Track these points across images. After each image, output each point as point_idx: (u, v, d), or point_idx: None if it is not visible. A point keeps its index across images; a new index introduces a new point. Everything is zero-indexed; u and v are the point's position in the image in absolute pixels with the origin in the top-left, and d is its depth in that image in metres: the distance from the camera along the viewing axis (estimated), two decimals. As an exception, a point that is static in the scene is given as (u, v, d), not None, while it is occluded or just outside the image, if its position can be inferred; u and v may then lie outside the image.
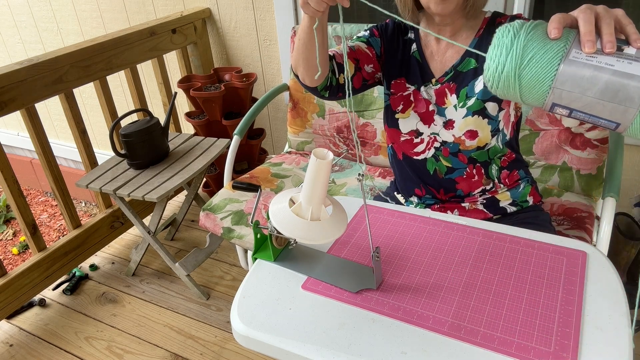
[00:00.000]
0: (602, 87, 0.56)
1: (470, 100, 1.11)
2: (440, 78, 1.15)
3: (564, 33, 0.60)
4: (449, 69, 1.14)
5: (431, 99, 1.17)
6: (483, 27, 1.11)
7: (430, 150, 1.19)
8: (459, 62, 1.13)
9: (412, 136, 1.20)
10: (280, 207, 0.83)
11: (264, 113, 2.51)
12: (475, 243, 0.97)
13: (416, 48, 1.18)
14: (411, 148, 1.21)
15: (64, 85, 1.89)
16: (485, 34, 1.10)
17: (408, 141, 1.21)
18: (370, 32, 1.21)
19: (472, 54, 1.11)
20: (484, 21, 1.11)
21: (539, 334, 0.75)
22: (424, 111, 1.17)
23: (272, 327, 0.79)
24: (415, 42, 1.18)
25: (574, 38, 0.59)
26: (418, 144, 1.20)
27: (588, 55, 0.57)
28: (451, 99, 1.14)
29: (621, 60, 0.55)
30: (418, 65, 1.17)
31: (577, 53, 0.57)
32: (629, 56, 0.56)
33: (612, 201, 1.24)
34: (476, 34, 1.11)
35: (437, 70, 1.16)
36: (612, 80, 0.55)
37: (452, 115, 1.14)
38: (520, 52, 0.60)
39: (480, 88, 1.10)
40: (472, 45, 1.11)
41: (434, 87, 1.16)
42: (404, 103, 1.19)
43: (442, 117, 1.15)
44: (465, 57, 1.12)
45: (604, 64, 0.56)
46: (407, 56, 1.19)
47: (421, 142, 1.19)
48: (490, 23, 1.11)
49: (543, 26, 0.62)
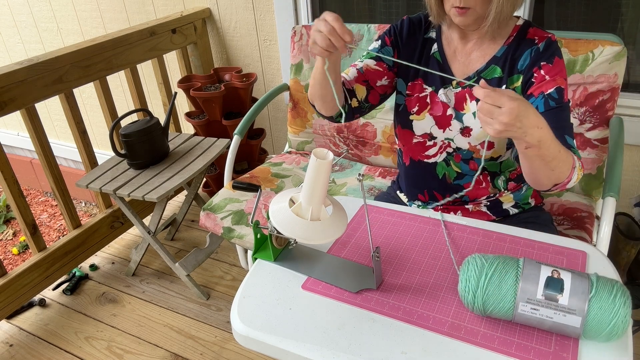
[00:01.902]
0: (548, 327, 0.74)
1: None
2: (461, 82, 1.11)
3: (510, 278, 0.74)
4: (472, 73, 1.10)
5: (450, 103, 1.13)
6: (513, 36, 1.07)
7: (442, 154, 1.17)
8: (483, 67, 1.09)
9: (425, 139, 1.17)
10: (280, 207, 0.83)
11: (264, 113, 2.51)
12: (476, 243, 0.97)
13: (437, 48, 1.14)
14: (423, 151, 1.19)
15: (64, 85, 1.89)
16: (514, 44, 1.06)
17: (420, 143, 1.18)
18: (382, 42, 1.17)
19: (497, 62, 1.07)
20: (514, 29, 1.07)
21: (539, 334, 0.75)
22: (440, 114, 1.14)
23: (272, 327, 0.79)
24: (437, 42, 1.14)
25: (519, 289, 0.74)
26: (430, 147, 1.18)
27: (532, 308, 0.73)
28: (471, 105, 1.11)
29: (557, 313, 0.72)
30: (438, 66, 1.14)
31: (524, 306, 0.73)
32: (563, 308, 0.71)
33: (612, 201, 1.24)
34: (505, 42, 1.07)
35: (459, 73, 1.12)
36: (554, 326, 0.73)
37: (470, 122, 1.11)
38: (482, 304, 0.76)
39: None
40: (500, 52, 1.07)
41: (455, 90, 1.12)
42: (420, 105, 1.16)
43: (460, 123, 1.12)
44: (490, 63, 1.08)
45: (545, 316, 0.73)
46: (426, 56, 1.16)
47: (434, 146, 1.17)
48: (521, 32, 1.06)
49: (498, 277, 0.76)
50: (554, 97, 1.00)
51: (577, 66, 1.44)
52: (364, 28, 1.77)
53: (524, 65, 1.04)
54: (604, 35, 1.44)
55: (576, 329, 0.71)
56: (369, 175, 1.76)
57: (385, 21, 2.03)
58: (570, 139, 1.00)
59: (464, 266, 0.79)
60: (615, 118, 1.44)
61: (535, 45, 1.03)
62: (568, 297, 0.71)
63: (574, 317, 0.71)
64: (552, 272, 0.74)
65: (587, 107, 1.45)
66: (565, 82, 1.03)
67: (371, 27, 1.76)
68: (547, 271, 0.74)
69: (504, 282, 0.75)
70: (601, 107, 1.44)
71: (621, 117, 1.46)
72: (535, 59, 1.03)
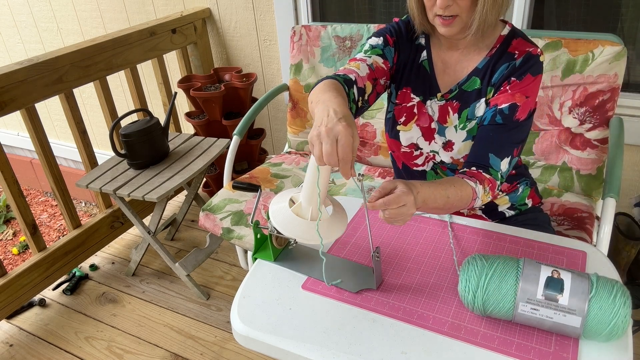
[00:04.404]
0: (548, 327, 0.75)
1: (471, 123, 1.06)
2: (446, 94, 1.09)
3: (510, 278, 0.75)
4: (454, 85, 1.08)
5: (434, 115, 1.11)
6: (496, 47, 1.03)
7: (429, 164, 1.16)
8: (464, 80, 1.06)
9: (412, 149, 1.16)
10: (280, 207, 0.83)
11: (263, 113, 2.51)
12: (476, 243, 0.97)
13: (426, 56, 1.10)
14: (411, 160, 1.18)
15: (64, 85, 1.89)
16: (496, 56, 1.03)
17: (408, 153, 1.17)
18: (384, 41, 1.10)
19: (477, 73, 1.05)
20: (498, 39, 1.03)
21: (539, 334, 0.75)
22: (427, 126, 1.12)
23: (272, 327, 0.79)
24: (426, 50, 1.10)
25: (519, 289, 0.75)
26: (418, 157, 1.16)
27: (532, 308, 0.73)
28: (453, 119, 1.08)
29: (557, 313, 0.72)
30: (426, 75, 1.10)
31: (524, 306, 0.74)
32: (563, 308, 0.72)
33: (612, 201, 1.24)
34: (488, 53, 1.04)
35: (444, 85, 1.09)
36: (554, 327, 0.74)
37: (452, 136, 1.09)
38: (482, 304, 0.77)
39: (481, 112, 1.05)
40: (482, 64, 1.04)
41: (439, 103, 1.10)
42: (407, 115, 1.13)
43: (442, 137, 1.10)
44: (471, 75, 1.05)
45: (545, 316, 0.73)
46: (416, 64, 1.11)
47: (420, 156, 1.16)
48: (504, 44, 1.03)
49: (498, 277, 0.77)
50: (504, 112, 0.99)
51: (577, 66, 1.44)
52: (363, 28, 1.77)
53: (498, 79, 1.02)
54: (604, 35, 1.43)
55: (576, 329, 0.72)
56: (369, 176, 1.76)
57: (385, 21, 2.03)
58: (496, 158, 0.98)
59: (464, 266, 0.80)
60: (615, 118, 1.44)
61: (513, 61, 1.00)
62: (568, 297, 0.71)
63: (574, 317, 0.71)
64: (552, 272, 0.74)
65: (587, 107, 1.45)
66: (528, 100, 0.99)
67: (371, 27, 1.76)
68: (547, 271, 0.74)
69: (504, 282, 0.75)
70: (601, 107, 1.44)
71: (621, 117, 1.46)
72: (507, 74, 1.00)
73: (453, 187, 0.91)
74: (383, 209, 0.80)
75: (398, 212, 0.81)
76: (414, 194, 0.83)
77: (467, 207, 0.96)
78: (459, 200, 0.91)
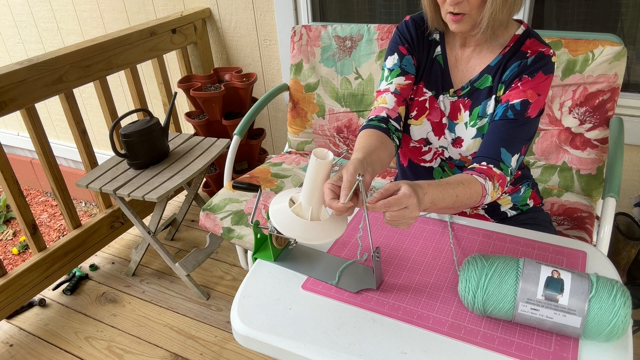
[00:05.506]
0: (548, 327, 0.75)
1: (482, 120, 1.06)
2: (458, 91, 1.09)
3: (510, 279, 0.75)
4: (466, 83, 1.08)
5: (445, 111, 1.11)
6: (510, 46, 1.04)
7: (437, 160, 1.16)
8: (477, 77, 1.07)
9: (421, 144, 1.16)
10: (280, 207, 0.83)
11: (264, 113, 2.51)
12: (476, 243, 0.97)
13: (440, 52, 1.11)
14: (419, 155, 1.18)
15: (64, 85, 1.89)
16: (509, 54, 1.03)
17: (417, 148, 1.17)
18: (399, 55, 1.11)
19: (490, 71, 1.05)
20: (512, 38, 1.04)
21: (539, 334, 0.75)
22: (437, 121, 1.12)
23: (272, 327, 0.79)
24: (440, 45, 1.11)
25: (519, 290, 0.75)
26: (426, 153, 1.17)
27: (532, 308, 0.73)
28: (464, 115, 1.09)
29: (557, 313, 0.72)
30: (440, 70, 1.11)
31: (524, 306, 0.74)
32: (563, 308, 0.72)
33: (612, 201, 1.24)
34: (502, 51, 1.04)
35: (457, 81, 1.10)
36: (554, 327, 0.74)
37: (461, 132, 1.09)
38: (482, 304, 0.77)
39: (492, 109, 1.05)
40: (495, 61, 1.05)
41: (451, 99, 1.10)
42: (419, 109, 1.13)
43: (452, 134, 1.11)
44: (484, 73, 1.06)
45: (545, 316, 0.73)
46: (430, 59, 1.12)
47: (429, 151, 1.16)
48: (518, 43, 1.03)
49: (498, 277, 0.77)
50: (515, 108, 0.99)
51: (577, 66, 1.44)
52: (363, 28, 1.77)
53: (508, 77, 1.02)
54: (604, 35, 1.43)
55: (576, 329, 0.72)
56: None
57: (385, 21, 2.03)
58: (507, 153, 0.98)
59: (464, 266, 0.79)
60: (615, 118, 1.44)
61: (525, 59, 1.01)
62: (568, 297, 0.71)
63: (574, 317, 0.71)
64: (552, 272, 0.74)
65: (587, 107, 1.45)
66: (539, 98, 0.99)
67: (371, 27, 1.76)
68: (547, 271, 0.74)
69: (504, 282, 0.75)
70: (601, 107, 1.44)
71: (621, 117, 1.46)
72: (518, 72, 1.01)
73: (462, 185, 0.90)
74: (384, 210, 0.80)
75: (400, 214, 0.79)
76: (419, 196, 0.80)
77: (477, 205, 0.95)
78: (468, 198, 0.90)
